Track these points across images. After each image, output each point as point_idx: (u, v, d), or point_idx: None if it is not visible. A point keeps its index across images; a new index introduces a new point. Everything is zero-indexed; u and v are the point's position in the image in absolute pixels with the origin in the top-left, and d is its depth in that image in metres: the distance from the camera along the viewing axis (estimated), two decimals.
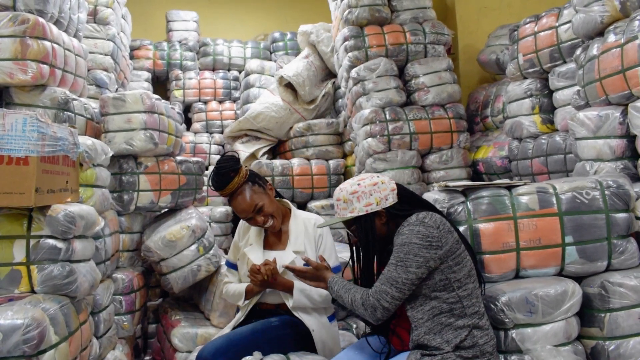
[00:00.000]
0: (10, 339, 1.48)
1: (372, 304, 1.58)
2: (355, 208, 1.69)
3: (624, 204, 1.91)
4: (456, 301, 1.59)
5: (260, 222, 2.05)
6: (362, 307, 1.60)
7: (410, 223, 1.61)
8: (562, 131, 3.12)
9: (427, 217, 1.62)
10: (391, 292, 1.56)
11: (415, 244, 1.56)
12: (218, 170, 2.04)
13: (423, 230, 1.58)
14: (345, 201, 1.70)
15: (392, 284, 1.56)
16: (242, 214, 2.05)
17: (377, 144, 3.75)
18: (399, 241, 1.60)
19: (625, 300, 1.78)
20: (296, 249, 2.06)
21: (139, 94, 2.92)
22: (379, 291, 1.58)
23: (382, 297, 1.57)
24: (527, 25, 3.29)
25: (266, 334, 1.94)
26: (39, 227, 1.76)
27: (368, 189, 1.69)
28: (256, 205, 2.03)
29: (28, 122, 1.70)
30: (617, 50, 2.24)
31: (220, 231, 4.62)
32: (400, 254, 1.58)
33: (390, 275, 1.58)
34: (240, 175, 2.04)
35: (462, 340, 1.55)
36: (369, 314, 1.59)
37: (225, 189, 2.03)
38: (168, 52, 5.89)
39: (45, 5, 2.55)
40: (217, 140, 5.77)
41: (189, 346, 2.69)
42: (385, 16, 4.12)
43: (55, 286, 1.77)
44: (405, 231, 1.60)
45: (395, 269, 1.57)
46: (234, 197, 2.05)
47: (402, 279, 1.56)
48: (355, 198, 1.69)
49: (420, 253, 1.56)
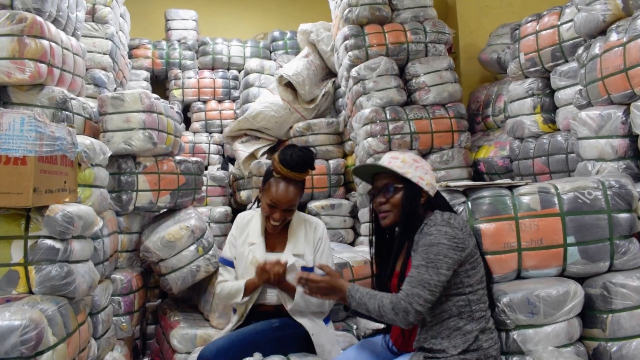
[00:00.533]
0: (8, 340, 1.47)
1: (404, 308, 1.50)
2: (409, 172, 1.64)
3: (627, 204, 1.90)
4: (465, 304, 1.57)
5: (277, 218, 2.00)
6: (393, 312, 1.52)
7: (436, 223, 1.58)
8: (564, 131, 3.10)
9: (452, 218, 1.60)
10: (424, 294, 1.50)
11: (444, 244, 1.53)
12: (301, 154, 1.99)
13: (450, 231, 1.55)
14: (403, 161, 1.66)
15: (424, 287, 1.50)
16: (276, 201, 1.97)
17: (377, 144, 3.73)
18: (426, 241, 1.56)
19: (627, 301, 1.76)
20: (296, 252, 2.04)
21: (137, 93, 2.91)
22: (411, 294, 1.51)
23: (414, 300, 1.50)
24: (528, 24, 3.28)
25: (267, 335, 1.94)
26: (36, 227, 1.75)
27: (426, 168, 1.69)
28: (292, 204, 2.00)
29: (26, 122, 1.69)
30: (620, 49, 2.23)
31: (219, 231, 4.61)
32: (429, 255, 1.53)
33: (421, 277, 1.52)
34: (309, 173, 2.05)
35: (469, 345, 1.54)
36: (401, 318, 1.51)
37: (293, 174, 1.97)
38: (167, 51, 5.88)
39: (43, 4, 2.54)
40: (217, 139, 5.77)
41: (188, 347, 2.68)
42: (386, 15, 4.11)
43: (54, 287, 1.75)
44: (432, 231, 1.56)
45: (427, 270, 1.52)
46: (285, 183, 1.98)
47: (434, 281, 1.51)
48: (414, 165, 1.66)
49: (449, 254, 1.53)
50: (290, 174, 1.98)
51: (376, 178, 1.74)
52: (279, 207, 1.99)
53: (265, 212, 2.03)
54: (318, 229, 2.10)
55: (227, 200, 5.10)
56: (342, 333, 2.56)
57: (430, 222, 1.60)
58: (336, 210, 4.33)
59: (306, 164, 2.02)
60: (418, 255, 1.56)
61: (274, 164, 2.02)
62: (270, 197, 1.99)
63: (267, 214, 2.02)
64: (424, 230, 1.60)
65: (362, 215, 4.13)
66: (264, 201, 2.03)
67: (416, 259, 1.56)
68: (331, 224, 4.26)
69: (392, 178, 1.68)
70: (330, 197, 4.52)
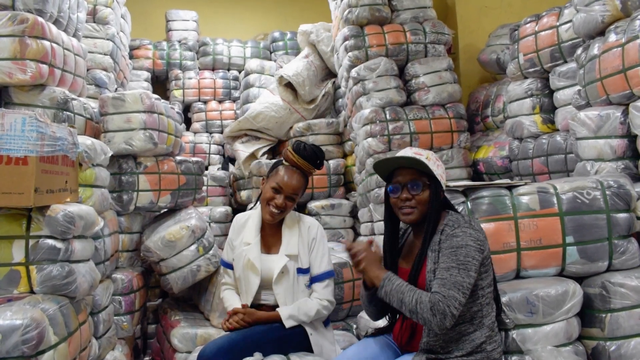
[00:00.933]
0: (10, 339, 1.47)
1: (442, 310, 1.45)
2: (433, 169, 1.63)
3: (625, 204, 1.90)
4: (478, 310, 1.57)
5: (279, 204, 2.00)
6: (430, 312, 1.46)
7: (460, 225, 1.56)
8: (563, 131, 3.11)
9: (472, 220, 1.60)
10: (459, 297, 1.47)
11: (471, 246, 1.52)
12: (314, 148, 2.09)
13: (474, 233, 1.55)
14: (428, 158, 1.64)
15: (458, 289, 1.47)
16: (282, 185, 1.99)
17: (377, 144, 3.74)
18: (453, 243, 1.53)
19: (626, 300, 1.77)
20: (289, 252, 2.03)
21: (138, 93, 2.92)
22: (448, 297, 1.46)
23: (451, 304, 1.45)
24: (527, 25, 3.28)
25: (267, 334, 1.94)
26: (38, 227, 1.76)
27: (443, 166, 1.69)
28: (295, 192, 2.02)
29: (27, 122, 1.70)
30: (618, 49, 2.23)
31: (219, 231, 4.62)
32: (459, 257, 1.51)
33: (455, 279, 1.48)
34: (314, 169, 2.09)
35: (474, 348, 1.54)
36: (437, 320, 1.45)
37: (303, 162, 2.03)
38: (167, 51, 5.89)
39: (44, 5, 2.55)
40: (217, 140, 5.77)
41: (189, 346, 2.69)
42: (386, 16, 4.12)
43: (55, 286, 1.76)
44: (458, 233, 1.54)
45: (459, 272, 1.49)
46: (292, 170, 2.03)
47: (466, 283, 1.49)
48: (436, 164, 1.65)
49: (476, 256, 1.52)
50: (301, 161, 2.03)
51: (397, 173, 1.69)
52: (283, 192, 2.00)
53: (268, 198, 2.02)
54: (312, 229, 2.09)
55: (227, 200, 5.11)
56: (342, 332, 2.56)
57: (452, 222, 1.59)
58: (336, 210, 4.34)
59: (317, 157, 2.07)
60: (446, 257, 1.53)
61: (286, 153, 2.07)
62: (276, 180, 2.02)
63: (269, 200, 2.02)
64: (446, 231, 1.57)
65: (362, 216, 4.14)
66: (267, 186, 2.04)
67: (444, 261, 1.52)
68: (331, 224, 4.27)
69: (417, 174, 1.64)
70: (330, 197, 4.53)
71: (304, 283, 2.02)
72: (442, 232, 1.59)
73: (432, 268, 1.58)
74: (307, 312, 1.96)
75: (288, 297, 2.01)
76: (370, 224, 3.94)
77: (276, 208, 2.00)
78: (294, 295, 2.02)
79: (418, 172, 1.65)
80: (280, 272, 2.00)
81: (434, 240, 1.60)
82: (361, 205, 4.15)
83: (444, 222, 1.61)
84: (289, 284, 2.01)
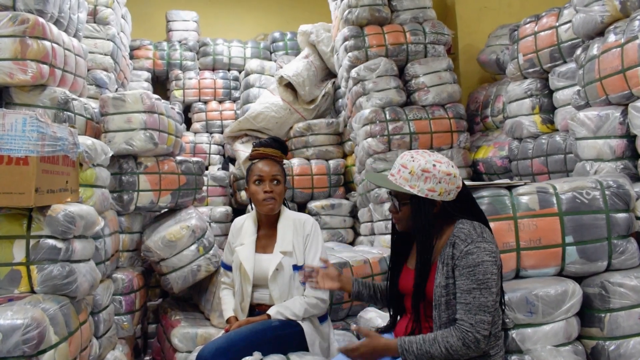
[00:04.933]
0: (10, 339, 1.48)
1: (473, 339, 1.46)
2: (417, 186, 1.56)
3: (624, 204, 1.91)
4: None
5: (268, 189, 2.06)
6: (464, 347, 1.46)
7: (473, 240, 1.51)
8: (562, 131, 3.11)
9: (484, 231, 1.56)
10: (486, 318, 1.47)
11: (487, 261, 1.50)
12: (269, 137, 2.23)
13: (487, 247, 1.52)
14: (411, 173, 1.56)
15: (484, 311, 1.47)
16: (261, 173, 2.09)
17: (377, 144, 3.75)
18: (469, 262, 1.49)
19: (625, 300, 1.77)
20: (283, 249, 2.05)
21: (138, 94, 2.92)
22: (476, 323, 1.46)
23: (481, 328, 1.46)
24: (527, 25, 3.29)
25: (266, 334, 1.94)
26: (38, 227, 1.76)
27: (440, 175, 1.55)
28: (276, 174, 2.10)
29: (28, 122, 1.70)
30: (617, 50, 2.24)
31: (220, 231, 4.62)
32: (478, 276, 1.48)
33: (479, 302, 1.47)
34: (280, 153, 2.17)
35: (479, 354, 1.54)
36: (474, 348, 1.47)
37: (264, 150, 2.14)
38: (168, 52, 5.90)
39: (45, 5, 2.55)
40: (217, 140, 5.78)
41: (189, 346, 2.69)
42: (385, 16, 4.12)
43: (55, 286, 1.76)
44: (472, 249, 1.50)
45: (481, 293, 1.47)
46: (265, 160, 2.13)
47: (490, 302, 1.48)
48: (423, 177, 1.55)
49: (493, 270, 1.50)
50: (267, 150, 2.14)
51: None
52: (265, 179, 2.08)
53: (256, 192, 2.09)
54: (307, 225, 2.10)
55: (227, 200, 5.11)
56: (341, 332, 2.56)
57: (463, 235, 1.53)
58: (336, 210, 4.34)
59: (278, 142, 2.18)
60: (465, 278, 1.50)
61: (252, 153, 2.19)
62: (255, 174, 2.11)
63: (257, 194, 2.08)
64: (460, 246, 1.52)
65: (362, 215, 4.14)
66: (251, 185, 2.12)
67: (464, 283, 1.50)
68: (331, 224, 4.27)
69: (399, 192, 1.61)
70: (330, 197, 4.53)
71: (299, 280, 2.03)
72: (455, 245, 1.54)
73: (443, 283, 1.54)
74: (295, 312, 1.98)
75: (284, 294, 2.03)
76: (370, 224, 3.94)
77: (267, 194, 2.07)
78: (290, 292, 2.03)
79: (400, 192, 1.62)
80: (275, 269, 2.01)
81: (446, 253, 1.55)
82: (361, 205, 4.15)
83: (455, 233, 1.56)
84: (285, 282, 2.02)
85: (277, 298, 2.02)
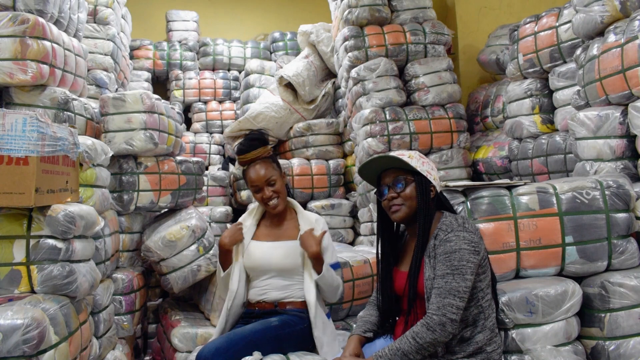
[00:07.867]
0: (10, 339, 1.48)
1: (438, 322, 1.48)
2: (418, 166, 1.66)
3: (624, 204, 1.91)
4: (479, 312, 1.57)
5: (267, 195, 2.10)
6: (430, 332, 1.47)
7: (453, 229, 1.57)
8: (562, 131, 3.12)
9: (466, 222, 1.60)
10: (455, 302, 1.49)
11: (465, 249, 1.53)
12: (246, 138, 2.18)
13: (467, 236, 1.55)
14: (410, 157, 1.67)
15: (454, 295, 1.49)
16: (255, 182, 2.11)
17: (377, 144, 3.75)
18: (446, 248, 1.54)
19: (625, 300, 1.78)
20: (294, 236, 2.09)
21: (139, 94, 2.92)
22: (443, 306, 1.49)
23: (447, 311, 1.48)
24: (527, 25, 3.29)
25: (266, 333, 1.94)
26: (38, 227, 1.76)
27: (431, 165, 1.70)
28: (269, 177, 2.11)
29: (28, 122, 1.70)
30: (617, 50, 2.24)
31: (220, 231, 4.62)
32: (453, 262, 1.52)
33: (450, 286, 1.50)
34: (265, 149, 2.16)
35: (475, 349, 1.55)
36: (439, 332, 1.48)
37: (247, 155, 2.13)
38: (168, 52, 5.90)
39: (45, 5, 2.55)
40: (217, 140, 5.78)
41: (189, 346, 2.69)
42: (385, 16, 4.13)
43: (55, 286, 1.77)
44: (451, 237, 1.55)
45: (454, 278, 1.51)
46: (252, 166, 2.13)
47: (462, 288, 1.50)
48: (421, 160, 1.68)
49: (470, 259, 1.53)
50: (248, 155, 2.13)
51: (383, 176, 1.73)
52: (261, 185, 2.11)
53: (257, 199, 2.16)
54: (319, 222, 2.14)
55: (227, 200, 5.12)
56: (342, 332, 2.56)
57: (445, 226, 1.59)
58: (336, 210, 4.34)
59: (253, 141, 2.15)
60: (441, 264, 1.54)
61: (237, 162, 2.21)
62: (250, 182, 2.15)
63: (259, 199, 2.15)
64: (440, 236, 1.58)
65: (362, 215, 4.14)
66: (251, 191, 2.18)
67: (440, 269, 1.54)
68: (331, 224, 4.27)
69: (401, 172, 1.68)
70: (330, 197, 4.53)
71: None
72: (436, 236, 1.60)
73: (430, 275, 1.58)
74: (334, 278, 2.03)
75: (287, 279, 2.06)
76: (370, 224, 3.94)
77: (267, 199, 2.11)
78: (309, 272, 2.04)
79: (402, 171, 1.68)
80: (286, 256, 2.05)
81: (430, 246, 1.60)
82: (361, 205, 4.16)
83: (438, 226, 1.62)
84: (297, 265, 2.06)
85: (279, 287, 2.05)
